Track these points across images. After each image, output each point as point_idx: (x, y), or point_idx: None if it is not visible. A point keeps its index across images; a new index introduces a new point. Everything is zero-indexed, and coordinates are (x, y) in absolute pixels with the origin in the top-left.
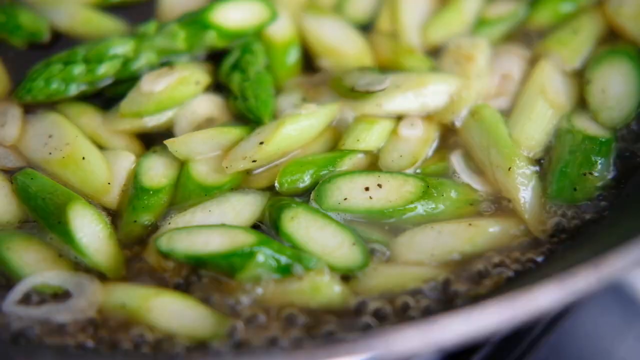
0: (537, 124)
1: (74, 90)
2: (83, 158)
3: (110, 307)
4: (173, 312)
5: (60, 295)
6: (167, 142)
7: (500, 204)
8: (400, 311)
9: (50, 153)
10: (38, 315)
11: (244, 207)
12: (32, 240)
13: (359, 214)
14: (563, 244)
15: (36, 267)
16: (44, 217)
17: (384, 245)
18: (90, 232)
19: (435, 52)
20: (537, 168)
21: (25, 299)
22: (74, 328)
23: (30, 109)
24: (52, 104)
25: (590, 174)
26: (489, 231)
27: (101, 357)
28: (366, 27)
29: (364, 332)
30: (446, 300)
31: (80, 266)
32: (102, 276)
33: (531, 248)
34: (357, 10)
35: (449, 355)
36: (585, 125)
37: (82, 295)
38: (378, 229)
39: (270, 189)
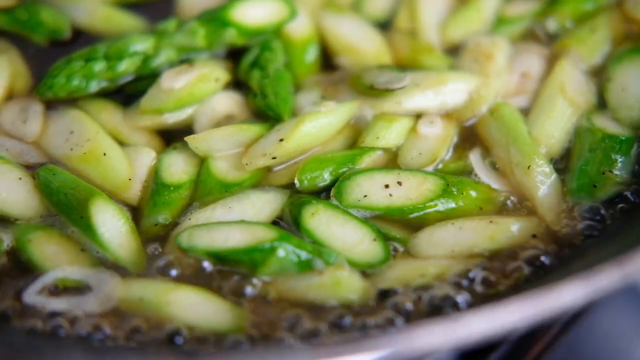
0: (556, 122)
1: (94, 86)
2: (104, 154)
3: (129, 302)
4: (192, 305)
5: (81, 289)
6: (188, 139)
7: (520, 202)
8: (420, 307)
9: (71, 149)
10: (57, 307)
11: (264, 204)
12: (53, 234)
13: (378, 211)
14: (584, 241)
15: (57, 261)
16: (66, 212)
17: (404, 241)
18: (112, 227)
19: (454, 50)
20: (557, 166)
21: (46, 291)
22: (96, 321)
23: (51, 105)
24: (73, 101)
25: (611, 172)
26: (510, 229)
27: (129, 353)
28: (385, 25)
29: (387, 328)
30: (467, 296)
31: (101, 260)
32: (122, 271)
33: (552, 246)
34: (376, 8)
35: (466, 353)
36: (605, 123)
37: (101, 289)
38: (398, 226)
39: (290, 186)
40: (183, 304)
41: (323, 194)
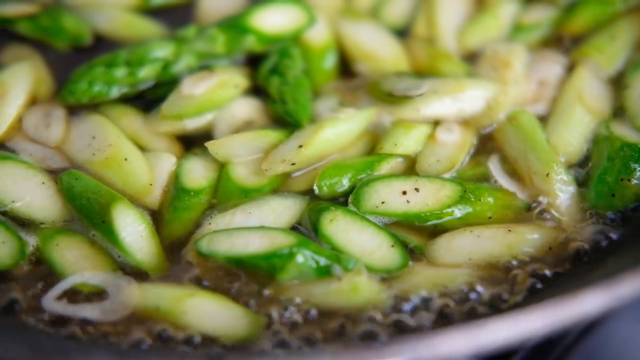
0: (575, 130)
1: (115, 92)
2: (125, 159)
3: (145, 309)
4: (208, 313)
5: (100, 294)
6: (208, 144)
7: (538, 210)
8: (437, 312)
9: (93, 154)
10: (74, 313)
11: (283, 210)
12: (75, 238)
13: (396, 217)
14: (603, 249)
15: (78, 265)
16: (88, 217)
17: (421, 247)
18: (134, 231)
19: (471, 58)
20: (575, 174)
21: (66, 296)
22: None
23: (73, 110)
24: (94, 106)
25: (629, 180)
26: (528, 237)
27: (154, 356)
28: (402, 32)
29: (404, 334)
30: (485, 304)
31: (122, 264)
32: (141, 275)
33: (570, 254)
34: (394, 15)
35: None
36: (623, 131)
37: (118, 296)
38: (415, 232)
39: (308, 192)
40: (198, 311)
41: (341, 199)
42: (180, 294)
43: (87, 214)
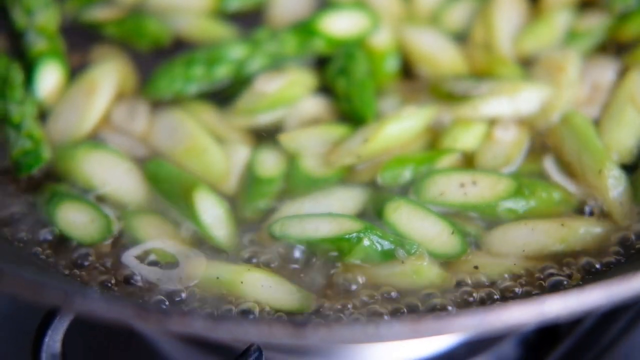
0: (626, 131)
1: (194, 89)
2: (205, 150)
3: (207, 280)
4: (263, 287)
5: (170, 264)
6: (281, 137)
7: (591, 206)
8: (492, 296)
9: (175, 145)
10: (146, 273)
11: (348, 199)
12: (157, 218)
13: (454, 208)
14: None
15: (158, 236)
16: (171, 200)
17: (478, 236)
18: (213, 214)
19: (527, 63)
20: (627, 171)
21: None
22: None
23: (156, 105)
24: (175, 101)
25: None
26: (581, 232)
27: (245, 322)
28: (461, 38)
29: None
30: (539, 292)
31: (195, 242)
32: (210, 253)
33: (621, 247)
34: (453, 22)
35: (529, 346)
36: None
37: (188, 266)
38: (472, 222)
39: (371, 183)
40: (254, 283)
41: (402, 190)
42: (241, 268)
43: (171, 197)
